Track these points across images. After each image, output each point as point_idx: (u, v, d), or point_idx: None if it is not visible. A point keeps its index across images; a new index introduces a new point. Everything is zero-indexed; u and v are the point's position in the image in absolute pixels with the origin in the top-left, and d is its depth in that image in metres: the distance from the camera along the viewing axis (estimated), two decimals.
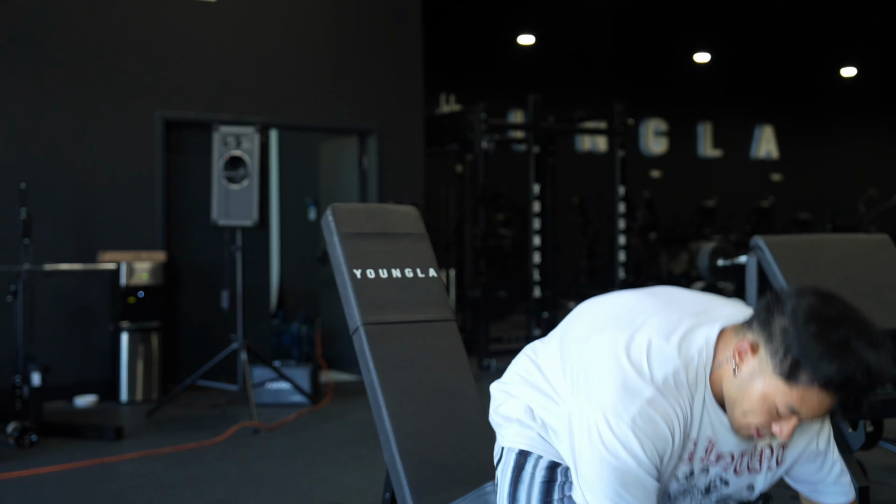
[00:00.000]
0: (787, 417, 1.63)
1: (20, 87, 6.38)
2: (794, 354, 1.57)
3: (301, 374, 6.29)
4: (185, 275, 6.90)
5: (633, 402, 1.65)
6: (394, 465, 2.31)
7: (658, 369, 1.67)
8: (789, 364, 1.57)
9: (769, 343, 1.61)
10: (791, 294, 1.64)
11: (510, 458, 1.92)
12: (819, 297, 1.62)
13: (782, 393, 1.60)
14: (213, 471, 4.60)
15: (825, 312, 1.59)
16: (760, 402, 1.63)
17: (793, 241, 3.43)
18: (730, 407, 1.69)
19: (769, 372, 1.61)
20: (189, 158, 6.94)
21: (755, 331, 1.65)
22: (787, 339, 1.58)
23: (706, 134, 15.12)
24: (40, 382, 5.20)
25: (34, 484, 4.37)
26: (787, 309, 1.60)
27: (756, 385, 1.63)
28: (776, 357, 1.59)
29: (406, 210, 2.76)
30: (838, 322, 1.58)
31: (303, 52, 7.36)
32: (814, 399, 1.58)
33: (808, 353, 1.55)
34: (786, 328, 1.59)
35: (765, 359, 1.62)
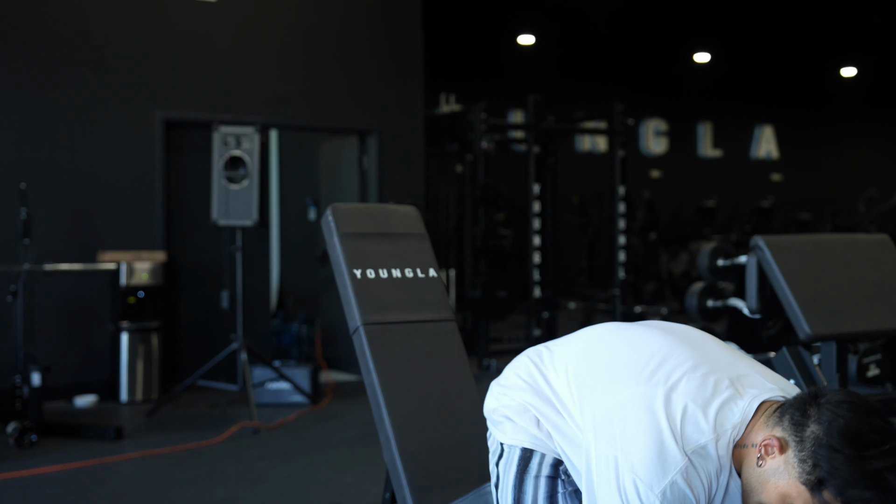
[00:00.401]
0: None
1: (20, 87, 6.38)
2: (822, 474, 1.56)
3: (301, 374, 6.29)
4: (185, 275, 6.90)
5: (667, 473, 1.63)
6: (394, 465, 2.31)
7: (692, 439, 1.65)
8: (816, 479, 1.56)
9: (799, 447, 1.60)
10: (830, 401, 1.61)
11: (514, 452, 1.92)
12: (858, 413, 1.58)
13: (803, 499, 1.59)
14: (213, 471, 4.60)
15: (863, 436, 1.56)
16: (778, 500, 1.62)
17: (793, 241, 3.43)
18: (745, 492, 1.68)
19: (794, 476, 1.60)
20: (189, 158, 6.94)
21: (786, 429, 1.63)
22: (818, 453, 1.57)
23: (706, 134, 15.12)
24: (40, 382, 5.20)
25: (34, 484, 4.37)
26: (824, 419, 1.58)
27: (778, 483, 1.62)
28: (804, 465, 1.58)
29: (406, 210, 2.76)
30: (875, 450, 1.55)
31: (302, 52, 7.36)
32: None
33: (838, 476, 1.54)
34: (819, 439, 1.57)
35: (792, 462, 1.61)
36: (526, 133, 8.63)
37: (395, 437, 2.33)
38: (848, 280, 3.30)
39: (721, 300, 4.41)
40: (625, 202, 8.59)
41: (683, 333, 1.91)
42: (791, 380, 3.15)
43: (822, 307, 3.15)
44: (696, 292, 4.46)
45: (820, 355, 3.21)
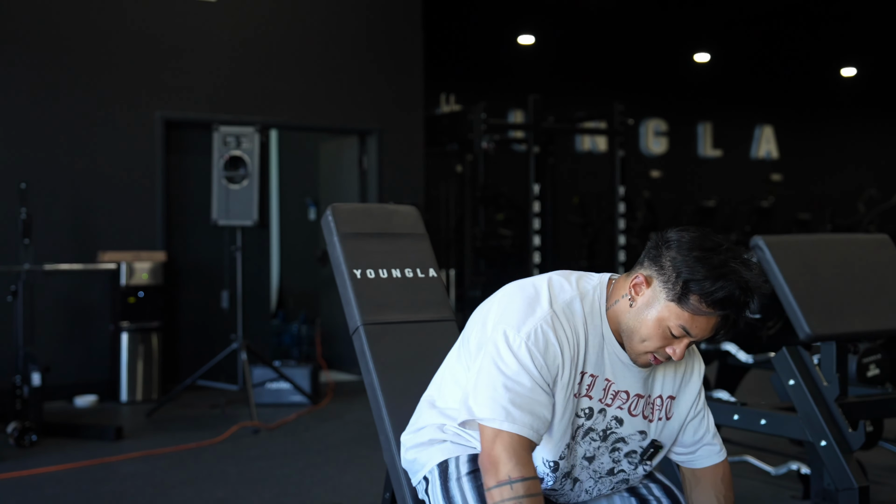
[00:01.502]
0: (681, 339, 1.83)
1: (20, 87, 6.38)
2: (684, 278, 1.78)
3: (301, 374, 6.29)
4: (185, 275, 6.90)
5: (531, 320, 1.86)
6: (394, 466, 2.31)
7: (558, 298, 1.89)
8: (680, 287, 1.79)
9: (661, 273, 1.83)
10: (674, 232, 1.86)
11: (433, 473, 2.00)
12: (698, 231, 1.84)
13: (675, 315, 1.81)
14: (213, 471, 4.60)
15: (705, 243, 1.81)
16: (656, 327, 1.83)
17: (793, 241, 3.43)
18: (628, 338, 1.87)
19: (662, 298, 1.82)
20: (189, 158, 6.94)
21: (647, 267, 1.87)
22: (677, 266, 1.80)
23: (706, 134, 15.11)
24: (40, 382, 5.20)
25: (34, 484, 4.37)
26: (673, 243, 1.83)
27: (651, 312, 1.83)
28: (668, 283, 1.81)
29: (406, 210, 2.76)
30: (716, 249, 1.79)
31: (303, 52, 7.36)
32: (702, 317, 1.79)
33: (695, 275, 1.77)
34: (674, 258, 1.81)
35: (658, 287, 1.83)
36: (526, 133, 8.63)
37: (395, 437, 2.33)
38: (848, 280, 3.30)
39: None
40: (625, 202, 8.59)
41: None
42: (791, 380, 3.15)
43: (822, 307, 3.15)
44: None
45: (820, 355, 3.21)
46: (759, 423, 3.30)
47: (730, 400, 3.73)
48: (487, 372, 1.85)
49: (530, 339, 1.83)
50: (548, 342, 1.84)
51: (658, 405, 1.97)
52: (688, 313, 1.80)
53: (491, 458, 1.81)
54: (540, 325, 1.85)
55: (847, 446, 3.02)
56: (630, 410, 1.94)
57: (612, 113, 8.51)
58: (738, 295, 1.76)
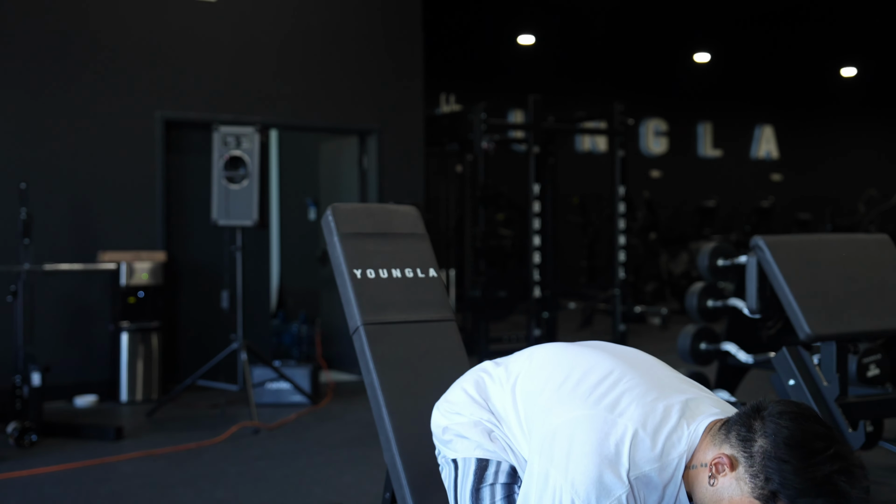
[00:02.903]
0: None
1: (20, 87, 6.38)
2: (774, 486, 1.58)
3: (301, 374, 6.29)
4: (185, 275, 6.90)
5: (607, 497, 1.65)
6: (394, 465, 2.31)
7: (636, 467, 1.67)
8: (769, 492, 1.59)
9: (748, 463, 1.62)
10: (773, 413, 1.64)
11: (469, 464, 1.94)
12: (801, 422, 1.61)
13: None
14: (213, 471, 4.60)
15: (808, 443, 1.58)
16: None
17: (793, 241, 3.43)
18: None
19: (747, 491, 1.62)
20: (189, 158, 6.94)
21: (734, 446, 1.65)
22: (768, 466, 1.59)
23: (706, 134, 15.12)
24: (40, 382, 5.20)
25: (34, 484, 4.37)
26: (769, 431, 1.61)
27: (732, 499, 1.64)
28: (755, 480, 1.60)
29: (406, 210, 2.76)
30: (821, 455, 1.57)
31: (303, 52, 7.36)
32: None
33: (790, 487, 1.56)
34: (766, 453, 1.60)
35: (744, 478, 1.62)
36: (526, 133, 8.63)
37: (395, 437, 2.33)
38: (848, 280, 3.30)
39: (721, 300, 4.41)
40: (625, 202, 8.59)
41: (630, 356, 1.93)
42: (791, 380, 3.15)
43: (822, 307, 3.15)
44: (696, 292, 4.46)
45: (820, 355, 3.21)
46: None
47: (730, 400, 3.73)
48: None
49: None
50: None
51: None
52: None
53: None
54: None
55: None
56: None
57: (612, 113, 8.51)
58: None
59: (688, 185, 14.26)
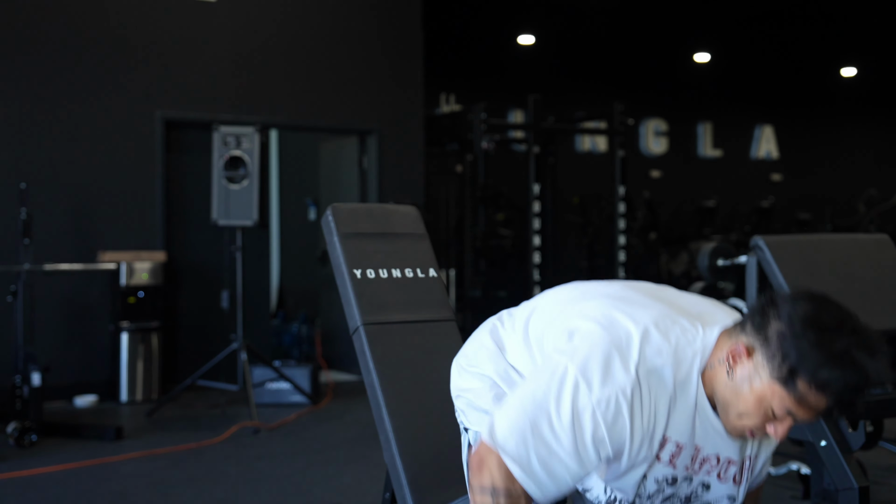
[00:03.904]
0: (783, 419, 1.64)
1: (20, 86, 6.38)
2: (792, 362, 1.57)
3: (301, 374, 6.29)
4: (185, 275, 6.90)
5: (608, 385, 1.62)
6: (394, 465, 2.31)
7: (646, 362, 1.65)
8: (787, 370, 1.58)
9: (765, 347, 1.62)
10: (787, 298, 1.64)
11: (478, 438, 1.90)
12: (815, 302, 1.62)
13: (779, 396, 1.61)
14: (213, 471, 4.60)
15: (823, 320, 1.59)
16: (756, 404, 1.63)
17: (793, 241, 3.43)
18: (723, 409, 1.68)
19: (765, 376, 1.61)
20: (189, 158, 6.94)
21: (750, 334, 1.65)
22: (785, 345, 1.59)
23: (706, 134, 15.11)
24: (40, 382, 5.20)
25: (34, 484, 4.37)
26: (783, 314, 1.61)
27: (752, 388, 1.63)
28: (773, 362, 1.60)
29: (406, 210, 2.76)
30: (837, 330, 1.57)
31: (302, 52, 7.36)
32: (811, 402, 1.59)
33: (807, 362, 1.56)
34: (783, 333, 1.59)
35: (761, 363, 1.62)
36: (526, 133, 8.63)
37: (395, 437, 2.33)
38: (848, 280, 3.30)
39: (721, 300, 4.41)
40: (625, 202, 8.59)
41: (649, 286, 1.91)
42: None
43: None
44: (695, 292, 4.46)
45: None
46: None
47: None
48: (533, 403, 1.65)
49: (601, 405, 1.61)
50: (618, 415, 1.62)
51: (747, 466, 1.81)
52: (794, 396, 1.59)
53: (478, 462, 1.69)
54: (617, 394, 1.62)
55: (847, 446, 3.02)
56: (720, 475, 1.78)
57: (612, 113, 8.51)
58: (856, 386, 1.55)
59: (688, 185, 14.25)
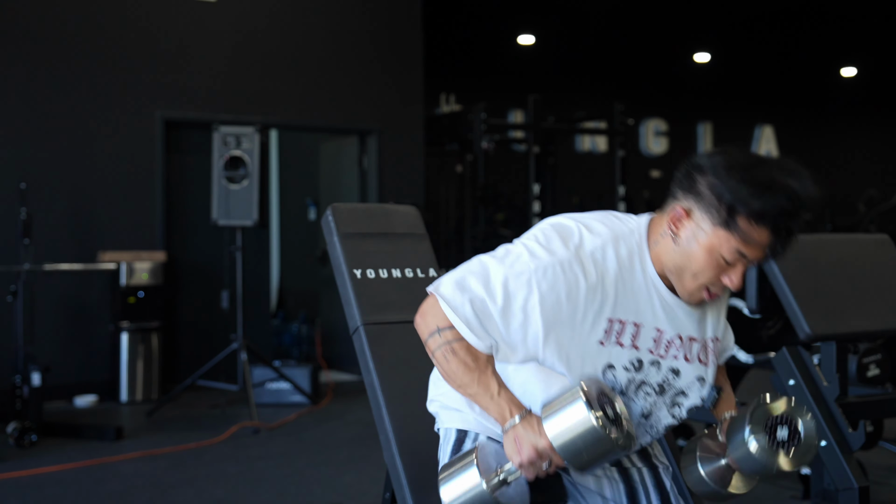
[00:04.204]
0: (735, 264, 1.73)
1: (20, 86, 6.38)
2: (728, 201, 1.67)
3: (301, 374, 6.29)
4: (185, 275, 6.90)
5: (548, 256, 1.74)
6: (394, 465, 2.31)
7: (586, 243, 1.76)
8: (725, 211, 1.68)
9: (700, 201, 1.72)
10: (703, 156, 1.75)
11: (450, 434, 1.99)
12: (730, 150, 1.74)
13: (725, 240, 1.70)
14: (213, 471, 4.60)
15: (743, 160, 1.70)
16: (707, 257, 1.72)
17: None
18: (677, 276, 1.77)
19: (708, 227, 1.71)
20: (189, 158, 6.94)
21: (682, 198, 1.75)
22: (717, 191, 1.69)
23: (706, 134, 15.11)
24: (40, 382, 5.20)
25: (34, 484, 4.37)
26: (707, 168, 1.71)
27: (699, 244, 1.72)
28: (711, 210, 1.70)
29: (406, 210, 2.76)
30: (758, 165, 1.69)
31: (303, 52, 7.36)
32: (755, 237, 1.69)
33: (741, 196, 1.66)
34: (712, 183, 1.70)
35: (700, 216, 1.72)
36: (526, 133, 8.63)
37: (395, 437, 2.33)
38: (848, 280, 3.30)
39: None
40: (625, 202, 8.58)
41: None
42: (791, 380, 3.15)
43: (822, 307, 3.15)
44: None
45: (820, 355, 3.21)
46: None
47: None
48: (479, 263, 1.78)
49: (538, 272, 1.72)
50: (555, 283, 1.71)
51: (711, 348, 1.88)
52: (738, 235, 1.69)
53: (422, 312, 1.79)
54: (555, 264, 1.72)
55: (847, 446, 3.02)
56: (686, 357, 1.83)
57: (612, 113, 8.51)
58: (789, 208, 1.66)
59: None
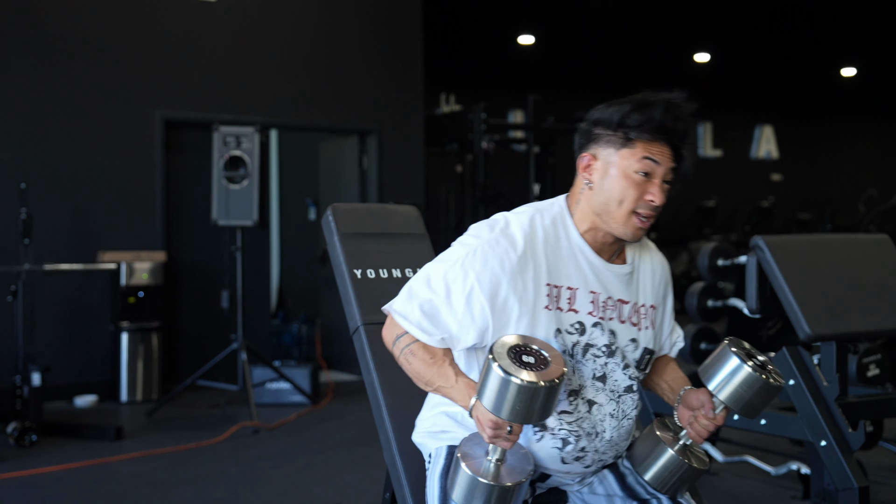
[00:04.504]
0: (652, 178, 1.90)
1: (20, 87, 6.38)
2: (618, 121, 1.88)
3: (301, 374, 6.29)
4: (185, 275, 6.90)
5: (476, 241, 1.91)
6: (394, 465, 2.31)
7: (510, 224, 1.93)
8: (620, 133, 1.88)
9: (598, 142, 1.93)
10: (588, 113, 1.96)
11: (441, 452, 2.03)
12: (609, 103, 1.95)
13: (631, 156, 1.89)
14: (213, 471, 4.60)
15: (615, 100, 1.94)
16: (624, 180, 1.89)
17: (793, 241, 3.43)
18: (607, 215, 1.92)
19: (613, 155, 1.90)
20: (189, 158, 6.94)
21: (583, 148, 1.95)
22: (607, 121, 1.90)
23: (706, 134, 15.11)
24: (40, 382, 5.20)
25: (34, 484, 4.37)
26: (594, 117, 1.93)
27: (612, 173, 1.90)
28: (610, 140, 1.90)
29: (406, 210, 2.76)
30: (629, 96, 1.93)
31: (303, 52, 7.36)
32: (653, 148, 1.89)
33: (625, 113, 1.88)
34: (601, 120, 1.92)
35: (603, 152, 1.92)
36: (526, 133, 8.63)
37: (395, 437, 2.33)
38: (848, 280, 3.30)
39: (721, 300, 4.41)
40: None
41: None
42: (791, 380, 3.15)
43: (822, 307, 3.15)
44: (696, 292, 4.46)
45: (820, 355, 3.21)
46: (759, 423, 3.30)
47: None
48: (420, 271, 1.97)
49: (468, 256, 1.89)
50: (486, 261, 1.87)
51: (643, 314, 2.01)
52: (640, 148, 1.88)
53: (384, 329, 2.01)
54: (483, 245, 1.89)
55: (847, 446, 3.02)
56: (620, 318, 1.97)
57: None
58: (669, 112, 1.88)
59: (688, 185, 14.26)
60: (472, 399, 1.82)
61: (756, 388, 1.88)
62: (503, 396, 1.74)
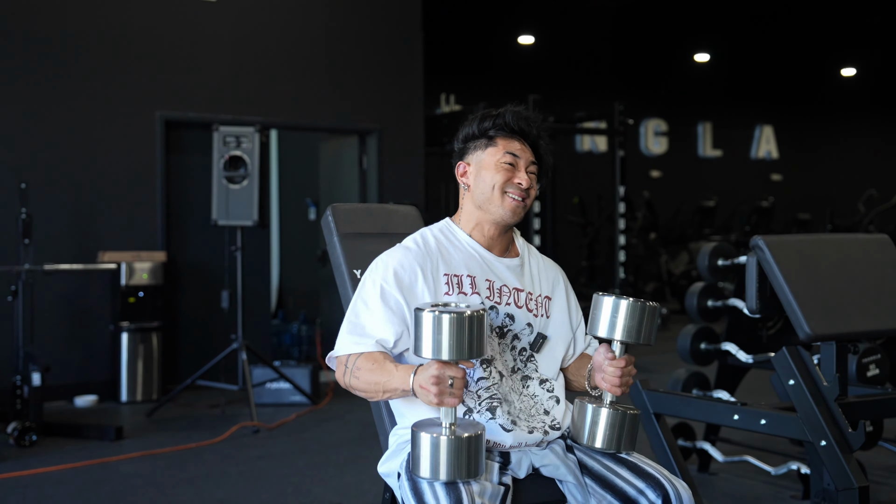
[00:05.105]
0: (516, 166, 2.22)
1: (20, 86, 6.38)
2: (475, 130, 2.26)
3: (301, 374, 6.29)
4: (185, 275, 6.90)
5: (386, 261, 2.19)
6: None
7: (409, 240, 2.24)
8: (482, 136, 2.25)
9: (466, 151, 2.28)
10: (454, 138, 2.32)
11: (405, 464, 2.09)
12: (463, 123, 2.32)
13: (494, 152, 2.23)
14: (213, 471, 4.60)
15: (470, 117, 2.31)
16: (493, 171, 2.21)
17: (793, 241, 3.43)
18: (488, 204, 2.22)
19: (481, 156, 2.25)
20: (189, 158, 6.94)
21: (458, 161, 2.29)
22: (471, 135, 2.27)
23: (706, 134, 15.11)
24: (40, 382, 5.20)
25: (34, 484, 4.37)
26: (458, 136, 2.30)
27: (484, 169, 2.23)
28: (475, 147, 2.26)
29: (406, 210, 2.76)
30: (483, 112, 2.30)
31: (303, 52, 7.36)
32: (510, 144, 2.23)
33: (480, 122, 2.26)
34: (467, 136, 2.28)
35: (473, 157, 2.26)
36: None
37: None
38: (848, 280, 3.30)
39: (721, 300, 4.41)
40: (625, 202, 8.59)
41: None
42: (791, 380, 3.15)
43: (822, 307, 3.15)
44: (696, 292, 4.45)
45: (820, 355, 3.21)
46: (759, 423, 3.30)
47: (730, 400, 3.73)
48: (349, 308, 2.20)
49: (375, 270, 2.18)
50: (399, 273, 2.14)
51: (539, 302, 2.26)
52: (500, 144, 2.23)
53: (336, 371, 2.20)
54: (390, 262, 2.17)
55: (847, 446, 3.02)
56: (516, 303, 2.21)
57: (612, 113, 8.51)
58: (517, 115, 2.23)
59: (688, 185, 14.25)
60: (411, 376, 1.99)
61: (639, 314, 2.04)
62: (438, 336, 1.88)
